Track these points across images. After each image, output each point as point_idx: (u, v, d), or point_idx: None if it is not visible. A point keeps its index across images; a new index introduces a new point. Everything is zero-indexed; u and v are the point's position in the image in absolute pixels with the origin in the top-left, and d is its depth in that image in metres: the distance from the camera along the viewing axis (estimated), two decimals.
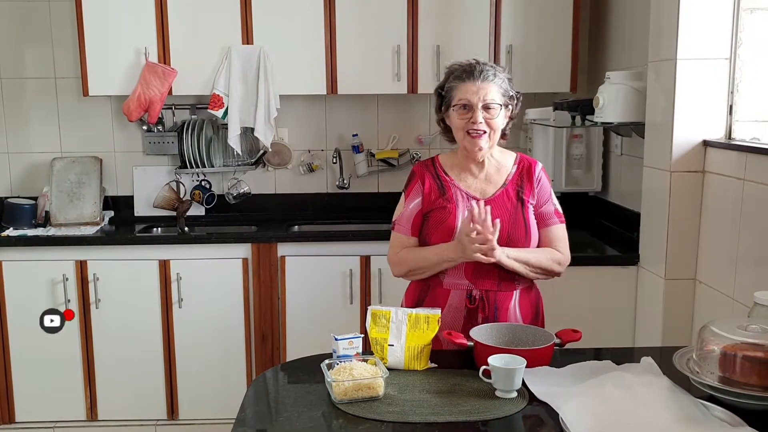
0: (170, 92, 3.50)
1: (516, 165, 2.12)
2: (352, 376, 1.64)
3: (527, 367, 1.65)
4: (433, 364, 1.85)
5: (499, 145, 2.12)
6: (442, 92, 2.08)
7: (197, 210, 3.84)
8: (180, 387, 3.45)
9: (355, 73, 3.49)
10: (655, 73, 2.75)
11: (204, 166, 3.73)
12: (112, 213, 3.83)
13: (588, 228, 3.55)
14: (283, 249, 3.37)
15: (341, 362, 1.72)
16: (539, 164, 2.14)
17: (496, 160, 2.11)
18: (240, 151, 3.66)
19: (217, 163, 3.78)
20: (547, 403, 1.57)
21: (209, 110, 3.53)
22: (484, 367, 1.67)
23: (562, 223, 2.14)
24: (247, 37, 3.46)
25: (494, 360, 1.65)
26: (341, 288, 3.36)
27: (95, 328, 3.40)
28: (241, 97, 3.51)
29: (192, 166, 3.71)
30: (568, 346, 1.85)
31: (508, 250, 1.99)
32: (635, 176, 3.06)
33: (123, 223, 3.76)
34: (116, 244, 3.41)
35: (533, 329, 1.89)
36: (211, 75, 3.49)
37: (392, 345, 1.84)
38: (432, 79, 3.49)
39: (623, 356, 1.83)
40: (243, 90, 3.50)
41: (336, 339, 1.80)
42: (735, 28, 2.55)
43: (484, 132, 2.00)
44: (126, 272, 3.38)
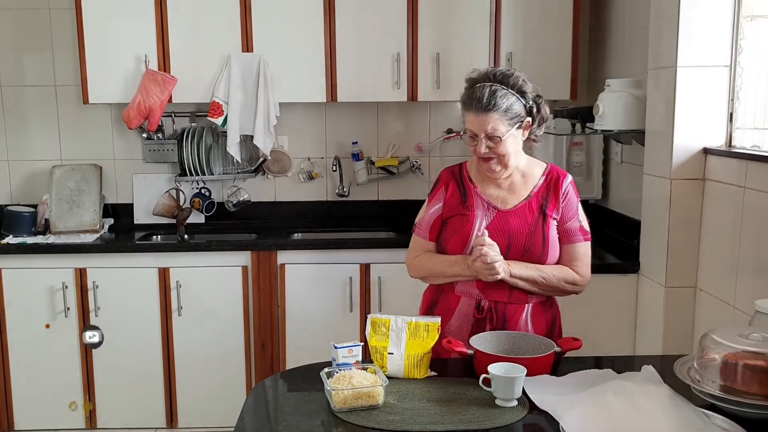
0: (170, 100, 3.50)
1: (544, 176, 2.07)
2: (352, 384, 1.64)
3: (527, 375, 1.64)
4: (433, 373, 1.84)
5: (530, 148, 2.08)
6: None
7: (197, 218, 3.83)
8: (179, 395, 3.45)
9: (355, 80, 3.50)
10: (655, 81, 2.76)
11: (204, 174, 3.73)
12: (111, 221, 3.83)
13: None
14: (283, 257, 3.37)
15: (341, 370, 1.72)
16: (568, 177, 2.09)
17: (522, 170, 2.07)
18: (240, 159, 3.66)
19: (217, 170, 3.78)
20: (547, 412, 1.56)
21: (209, 118, 3.53)
22: (484, 375, 1.66)
23: (587, 241, 2.07)
24: (247, 45, 3.47)
25: (494, 368, 1.65)
26: (341, 296, 3.36)
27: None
28: (241, 105, 3.51)
29: (192, 174, 3.72)
30: (568, 354, 1.85)
31: (514, 268, 1.96)
32: (635, 184, 3.06)
33: (122, 231, 3.76)
34: (116, 251, 3.41)
35: (533, 337, 1.88)
36: (210, 83, 3.49)
37: (392, 353, 1.84)
38: (432, 86, 3.50)
39: (624, 365, 1.82)
40: (242, 98, 3.51)
41: (335, 347, 1.79)
42: (735, 36, 2.56)
43: (492, 158, 1.98)
44: (125, 280, 3.37)
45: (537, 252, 2.00)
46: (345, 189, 3.87)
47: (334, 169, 3.85)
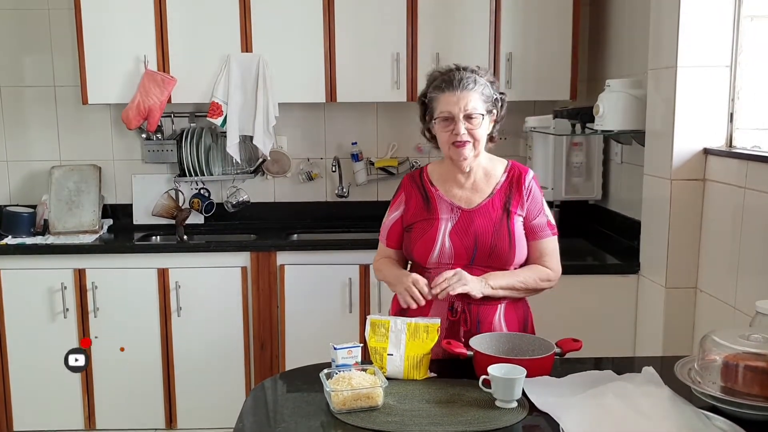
0: (169, 100, 3.50)
1: (506, 173, 2.07)
2: (351, 385, 1.63)
3: (527, 376, 1.64)
4: (432, 374, 1.84)
5: (489, 150, 2.08)
6: (425, 100, 2.05)
7: (196, 218, 3.83)
8: (178, 396, 3.44)
9: (354, 81, 3.49)
10: (656, 81, 2.75)
11: (203, 175, 3.73)
12: (110, 221, 3.82)
13: (588, 236, 3.54)
14: (282, 258, 3.36)
15: (340, 372, 1.71)
16: (530, 173, 2.08)
17: (484, 167, 2.07)
18: (239, 160, 3.66)
19: (216, 171, 3.78)
20: (547, 414, 1.56)
21: (208, 118, 3.53)
22: (483, 376, 1.66)
23: (555, 236, 2.08)
24: (246, 45, 3.46)
25: (494, 370, 1.64)
26: (340, 297, 3.35)
27: (93, 337, 3.38)
28: (240, 105, 3.51)
29: (191, 174, 3.71)
30: (568, 355, 1.84)
31: (491, 280, 1.96)
32: (635, 184, 3.06)
33: (122, 232, 3.75)
34: (115, 252, 3.41)
35: (533, 338, 1.88)
36: (210, 83, 3.49)
37: (391, 354, 1.83)
38: None
39: (624, 366, 1.82)
40: (242, 98, 3.50)
41: (335, 348, 1.79)
42: (735, 36, 2.55)
43: (468, 142, 1.97)
44: (125, 281, 3.37)
45: (504, 251, 1.99)
46: (344, 190, 3.87)
47: (334, 169, 3.84)
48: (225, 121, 3.52)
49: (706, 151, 2.61)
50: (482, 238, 1.99)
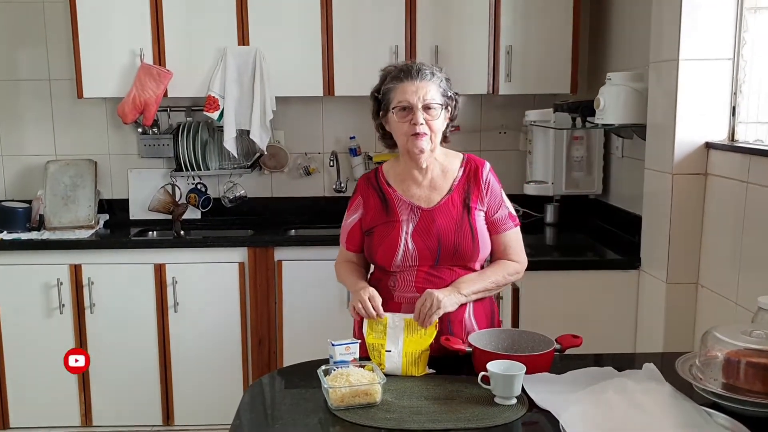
0: (165, 94, 3.49)
1: (462, 167, 2.05)
2: (349, 382, 1.63)
3: (527, 373, 1.64)
4: (431, 370, 1.84)
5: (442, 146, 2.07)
6: (378, 96, 2.02)
7: (193, 213, 3.82)
8: (175, 392, 3.44)
9: (352, 74, 3.48)
10: (657, 74, 2.74)
11: (199, 169, 3.72)
12: (107, 216, 3.82)
13: (588, 231, 3.54)
14: (280, 253, 3.36)
15: (338, 368, 1.71)
16: (487, 166, 2.07)
17: (441, 164, 2.05)
18: (236, 154, 3.65)
19: (213, 166, 3.77)
20: (547, 410, 1.56)
21: (205, 112, 3.52)
22: (482, 373, 1.66)
23: (517, 226, 2.08)
24: (243, 38, 3.45)
25: (493, 366, 1.64)
26: (338, 293, 3.35)
27: (90, 333, 3.39)
28: (237, 99, 3.50)
29: (187, 169, 3.70)
30: (568, 351, 1.84)
31: (464, 288, 1.95)
32: (636, 179, 3.05)
33: (118, 227, 3.75)
34: (111, 247, 3.41)
35: (533, 335, 1.87)
36: (206, 77, 3.48)
37: (389, 351, 1.83)
38: None
39: (624, 362, 1.82)
40: (238, 92, 3.49)
41: (333, 345, 1.79)
42: (738, 28, 2.54)
43: (425, 134, 1.95)
44: (121, 276, 3.37)
45: (468, 249, 1.98)
46: (342, 184, 3.86)
47: (332, 164, 3.84)
48: (222, 115, 3.51)
49: (708, 145, 2.60)
50: (445, 238, 1.97)
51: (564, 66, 3.51)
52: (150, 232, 3.73)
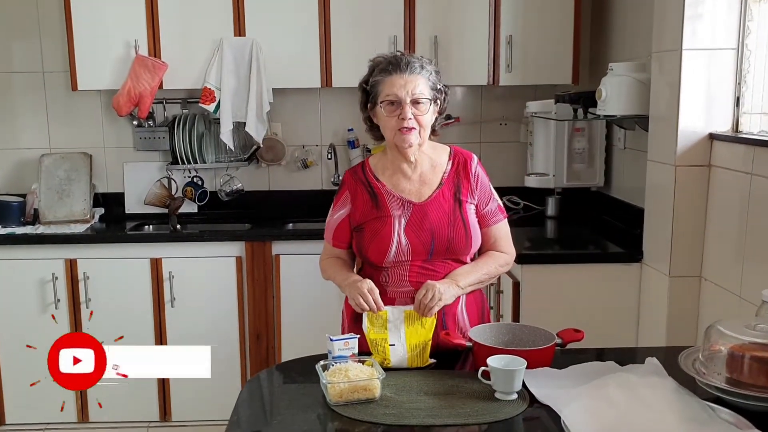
0: (161, 86, 3.48)
1: (451, 161, 2.05)
2: (348, 377, 1.63)
3: (528, 368, 1.64)
4: (433, 360, 1.84)
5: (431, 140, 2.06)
6: (366, 87, 2.00)
7: (189, 207, 3.82)
8: (173, 388, 3.45)
9: (351, 65, 3.45)
10: (660, 64, 2.73)
11: (196, 162, 3.71)
12: (102, 210, 3.81)
13: (590, 224, 3.54)
14: (278, 247, 3.36)
15: (337, 363, 1.71)
16: (474, 158, 2.06)
17: (430, 157, 2.04)
18: (233, 147, 3.64)
19: (210, 159, 3.76)
20: (548, 406, 1.56)
21: (201, 104, 3.51)
22: (483, 368, 1.66)
23: (505, 218, 2.09)
24: (239, 29, 3.44)
25: (494, 361, 1.64)
26: (336, 287, 3.33)
27: (85, 329, 3.38)
28: (233, 91, 3.49)
29: (183, 162, 3.70)
30: (569, 346, 1.84)
31: (460, 281, 1.96)
32: (639, 171, 3.05)
33: (113, 221, 3.75)
34: (107, 242, 3.41)
35: (533, 329, 1.87)
36: (202, 68, 3.47)
37: (393, 344, 1.84)
38: None
39: (626, 357, 1.82)
40: (235, 83, 3.48)
41: (331, 340, 1.79)
42: (743, 17, 2.53)
43: (414, 128, 1.94)
44: (117, 271, 3.37)
45: (461, 243, 1.99)
46: (341, 177, 3.83)
47: (330, 157, 3.83)
48: (218, 107, 3.50)
49: (712, 137, 2.59)
50: (438, 232, 1.97)
51: (565, 56, 3.50)
52: (146, 227, 3.73)
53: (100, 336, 3.41)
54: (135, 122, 3.71)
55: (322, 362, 1.73)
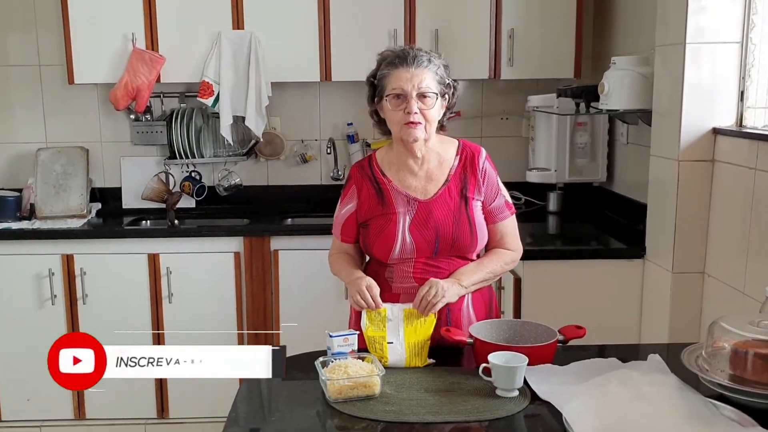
0: (158, 80, 3.48)
1: (458, 156, 2.04)
2: (348, 374, 1.63)
3: (529, 364, 1.64)
4: (432, 360, 1.84)
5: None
6: (374, 81, 2.00)
7: (187, 202, 3.82)
8: (170, 385, 3.45)
9: (350, 58, 3.46)
10: (663, 58, 2.73)
11: (194, 157, 3.70)
12: (99, 205, 3.81)
13: (592, 220, 3.54)
14: (276, 243, 3.36)
15: (336, 360, 1.71)
16: (483, 153, 2.05)
17: (437, 153, 2.03)
18: (231, 141, 3.64)
19: (208, 153, 3.75)
20: (549, 403, 1.56)
21: (199, 98, 3.50)
22: (484, 364, 1.66)
23: (513, 214, 2.09)
24: (238, 22, 3.43)
25: (495, 357, 1.64)
26: (336, 283, 3.34)
27: (82, 324, 3.38)
28: (232, 85, 3.48)
29: (181, 157, 3.69)
30: (571, 342, 1.84)
31: (464, 279, 1.96)
32: (641, 166, 3.05)
33: (110, 216, 3.74)
34: (104, 237, 3.41)
35: (535, 325, 1.87)
36: (200, 62, 3.46)
37: (391, 342, 1.84)
38: None
39: (629, 353, 1.82)
40: (233, 77, 3.48)
41: (330, 336, 1.79)
42: (747, 11, 2.52)
43: (420, 123, 1.93)
44: (114, 266, 3.37)
45: (466, 241, 1.99)
46: (340, 172, 3.85)
47: (329, 151, 3.82)
48: (216, 101, 3.49)
49: (716, 131, 2.59)
50: (443, 230, 1.97)
51: (567, 50, 3.49)
52: (143, 222, 3.72)
53: (96, 332, 3.43)
54: (132, 116, 3.71)
55: (321, 359, 1.74)
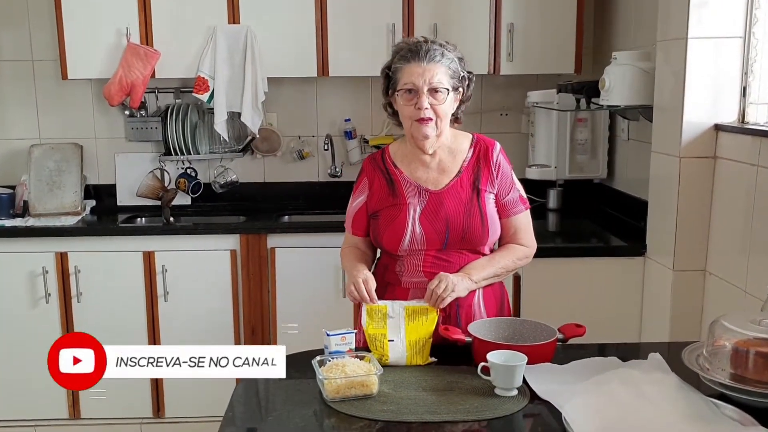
0: (153, 75, 3.47)
1: (472, 148, 2.05)
2: (345, 373, 1.64)
3: (528, 363, 1.64)
4: (433, 359, 1.84)
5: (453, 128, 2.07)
6: (388, 73, 2.02)
7: (183, 199, 3.81)
8: (166, 384, 3.45)
9: (348, 53, 3.46)
10: (665, 53, 2.73)
11: (189, 153, 3.70)
12: (93, 202, 3.80)
13: (592, 217, 3.54)
14: (273, 240, 3.35)
15: (333, 359, 1.72)
16: (497, 146, 2.07)
17: (449, 147, 2.04)
18: (227, 138, 3.63)
19: (203, 149, 3.75)
20: (549, 402, 1.56)
21: (194, 94, 3.50)
22: (483, 363, 1.66)
23: (527, 209, 2.10)
24: (234, 17, 3.42)
25: (494, 356, 1.64)
26: (333, 281, 3.35)
27: (77, 323, 3.38)
28: (228, 80, 3.48)
29: (177, 153, 3.69)
30: (571, 341, 1.84)
31: (474, 274, 1.96)
32: (642, 162, 3.05)
33: (105, 213, 3.74)
34: (98, 234, 3.40)
35: (534, 324, 1.87)
36: (195, 57, 3.45)
37: (392, 340, 1.84)
38: None
39: (629, 352, 1.82)
40: (229, 72, 3.47)
41: (328, 334, 1.79)
42: (750, 5, 2.53)
43: (431, 119, 1.94)
44: (109, 264, 3.36)
45: (477, 233, 1.99)
46: (337, 169, 3.85)
47: (326, 147, 3.82)
48: (212, 96, 3.49)
49: (717, 127, 2.59)
50: (454, 221, 1.98)
51: (568, 45, 3.49)
52: (138, 219, 3.72)
53: (91, 330, 3.42)
54: (127, 112, 3.70)
55: (318, 357, 1.74)
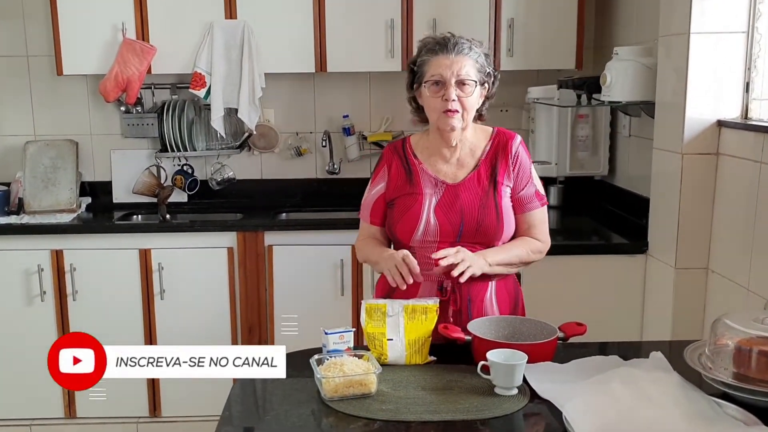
0: (149, 71, 3.46)
1: (491, 141, 2.06)
2: (343, 372, 1.63)
3: (528, 362, 1.64)
4: (433, 358, 1.84)
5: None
6: (414, 67, 2.03)
7: (179, 196, 3.81)
8: (163, 383, 3.45)
9: (346, 49, 3.46)
10: (667, 49, 2.73)
11: (186, 150, 3.70)
12: (89, 199, 3.80)
13: (594, 214, 3.54)
14: (270, 238, 3.35)
15: (331, 357, 1.71)
16: (517, 139, 2.07)
17: (471, 143, 2.05)
18: (224, 134, 3.63)
19: (200, 146, 3.75)
20: (549, 401, 1.56)
21: (191, 90, 3.50)
22: (482, 362, 1.66)
23: (544, 205, 2.09)
24: (231, 11, 3.42)
25: (493, 355, 1.64)
26: (331, 279, 3.35)
27: (72, 321, 3.38)
28: (224, 76, 3.47)
29: (173, 150, 3.68)
30: (572, 340, 1.84)
31: (488, 257, 1.96)
32: (644, 159, 3.05)
33: (101, 210, 3.73)
34: (94, 232, 3.40)
35: (535, 322, 1.87)
36: (192, 52, 3.45)
37: (391, 339, 1.84)
38: None
39: (631, 351, 1.82)
40: (226, 68, 3.47)
41: (326, 333, 1.79)
42: (753, 0, 2.52)
43: (457, 111, 1.95)
44: (104, 262, 3.36)
45: (492, 227, 1.99)
46: (335, 166, 3.84)
47: (324, 144, 3.82)
48: (208, 92, 3.48)
49: (720, 123, 2.59)
50: (468, 214, 1.99)
51: (569, 40, 3.48)
52: (134, 216, 3.72)
53: (86, 328, 3.42)
54: (123, 108, 3.70)
55: (316, 356, 1.73)
